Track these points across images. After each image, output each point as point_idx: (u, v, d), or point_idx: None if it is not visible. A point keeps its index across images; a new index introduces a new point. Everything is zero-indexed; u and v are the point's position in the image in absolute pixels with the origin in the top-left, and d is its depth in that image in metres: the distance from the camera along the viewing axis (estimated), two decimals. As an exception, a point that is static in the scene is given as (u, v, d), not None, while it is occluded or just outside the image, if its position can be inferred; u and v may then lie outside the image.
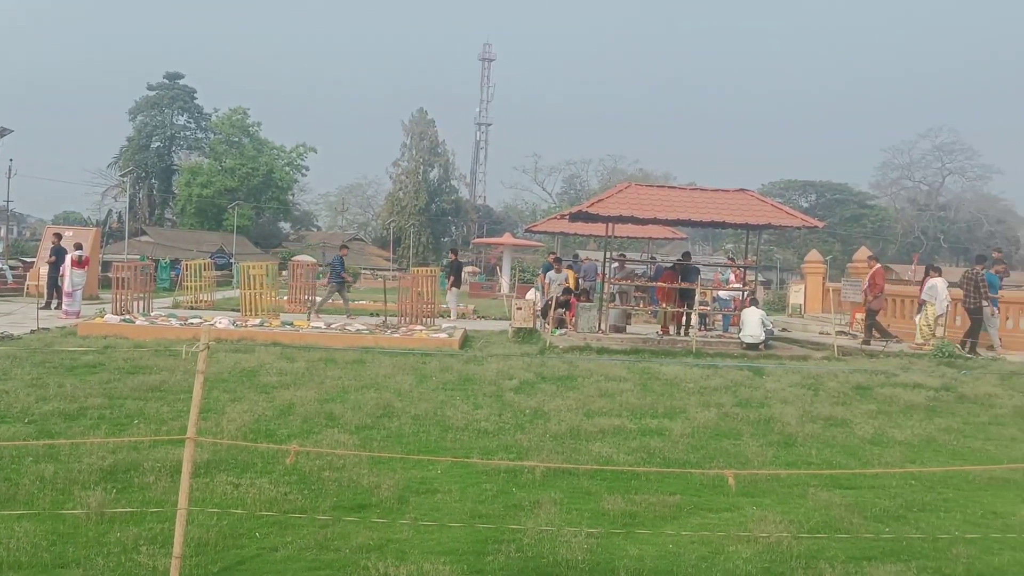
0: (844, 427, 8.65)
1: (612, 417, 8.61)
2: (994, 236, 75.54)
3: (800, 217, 17.22)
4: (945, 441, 8.22)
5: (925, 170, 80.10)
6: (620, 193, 16.76)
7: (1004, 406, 10.03)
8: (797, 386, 10.96)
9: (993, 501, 6.31)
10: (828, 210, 71.18)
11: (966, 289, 16.02)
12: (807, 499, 6.16)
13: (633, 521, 5.59)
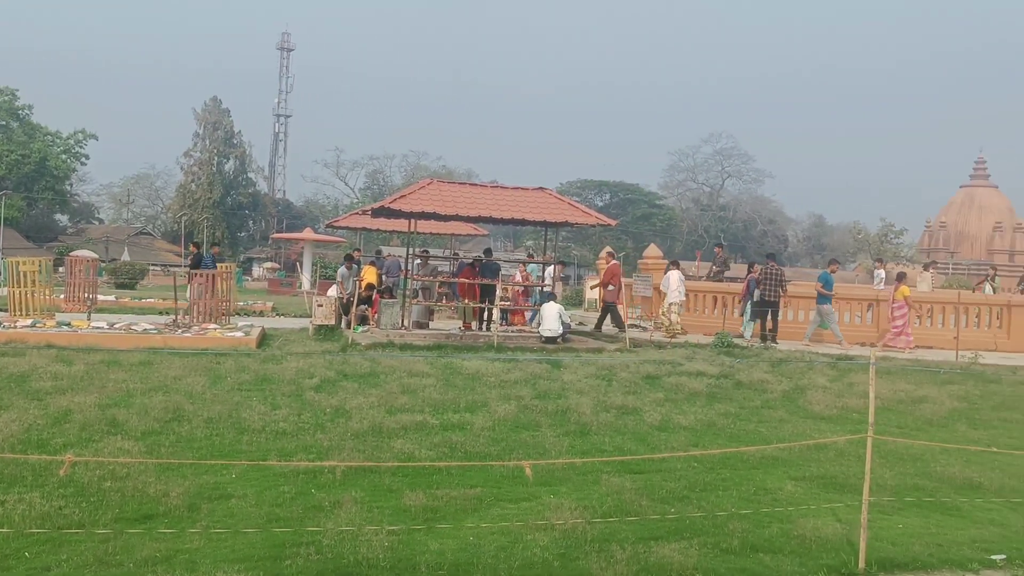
0: (635, 415, 9.11)
1: (414, 413, 8.60)
2: (767, 235, 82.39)
3: (595, 215, 17.95)
4: (724, 425, 8.86)
5: (707, 173, 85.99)
6: (423, 189, 16.77)
7: (774, 391, 10.94)
8: (592, 377, 11.42)
9: (764, 478, 6.87)
10: (621, 209, 74.77)
11: (766, 284, 17.32)
12: (600, 485, 6.44)
13: (435, 516, 5.61)
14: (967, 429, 9.29)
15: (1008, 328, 17.80)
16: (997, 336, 17.72)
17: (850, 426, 9.06)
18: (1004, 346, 17.44)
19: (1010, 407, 10.56)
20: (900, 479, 6.99)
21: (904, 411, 10.02)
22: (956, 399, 10.75)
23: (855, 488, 6.41)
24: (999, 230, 68.84)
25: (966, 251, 67.32)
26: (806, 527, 5.56)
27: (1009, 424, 9.67)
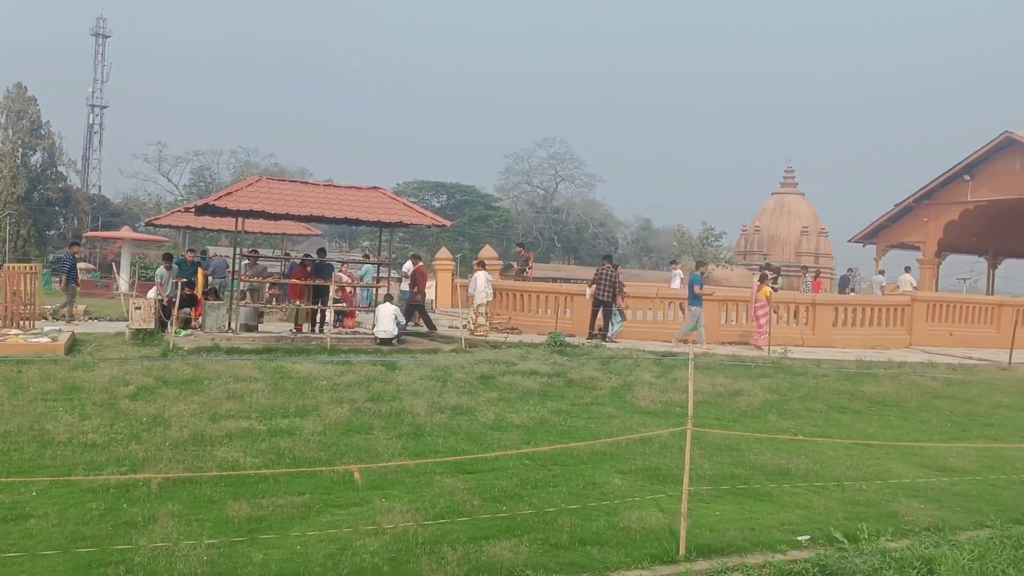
0: (469, 415, 9.13)
1: (240, 419, 8.24)
2: (598, 237, 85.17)
3: (431, 216, 17.89)
4: (555, 422, 9.03)
5: (542, 176, 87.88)
6: (251, 186, 16.15)
7: (603, 388, 11.27)
8: (427, 378, 11.36)
9: (593, 473, 7.04)
10: (458, 210, 75.15)
11: (602, 284, 17.87)
12: (433, 486, 6.39)
13: (259, 526, 5.38)
14: (777, 419, 9.91)
15: (813, 325, 19.20)
16: (804, 332, 19.07)
17: (673, 419, 9.46)
18: (810, 341, 18.80)
19: (814, 398, 11.36)
20: (718, 468, 7.36)
21: (722, 404, 10.58)
22: (768, 391, 11.47)
23: (677, 479, 6.68)
24: (806, 234, 74.21)
25: (778, 253, 72.02)
26: (631, 518, 5.74)
27: (813, 413, 10.40)
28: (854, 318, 19.77)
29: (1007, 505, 6.75)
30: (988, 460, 8.25)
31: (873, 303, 20.78)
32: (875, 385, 12.42)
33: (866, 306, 20.23)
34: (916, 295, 22.38)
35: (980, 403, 11.73)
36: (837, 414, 10.49)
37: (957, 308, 21.35)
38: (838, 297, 23.37)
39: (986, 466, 8.01)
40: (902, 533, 5.90)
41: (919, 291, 25.76)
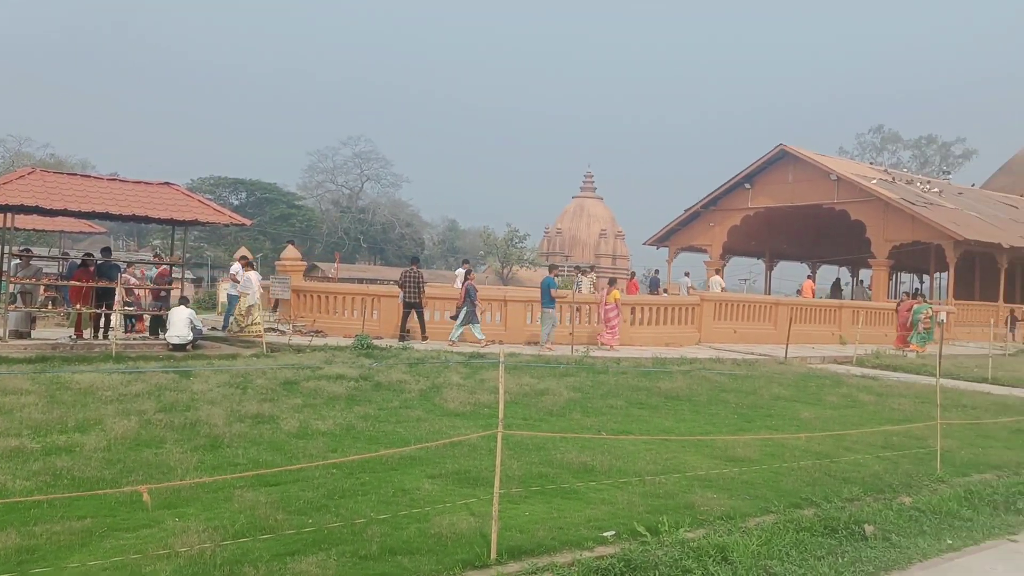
0: (271, 423, 8.72)
1: (9, 437, 7.41)
2: (404, 238, 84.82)
3: (229, 214, 17.04)
4: (363, 428, 8.81)
5: (347, 175, 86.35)
6: (22, 179, 14.68)
7: (412, 391, 11.15)
8: (226, 386, 10.77)
9: (403, 479, 6.90)
10: (259, 208, 72.36)
11: (408, 287, 17.80)
12: (233, 502, 6.02)
13: (31, 557, 4.82)
14: (581, 417, 10.20)
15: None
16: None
17: (482, 421, 9.50)
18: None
19: (615, 395, 11.81)
20: (527, 468, 7.44)
21: (529, 403, 10.75)
22: (572, 390, 11.79)
23: (487, 481, 6.68)
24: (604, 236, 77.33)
25: (578, 254, 74.50)
26: (443, 524, 5.66)
27: (614, 410, 10.79)
28: (650, 317, 20.79)
29: (788, 491, 7.26)
30: (770, 449, 8.87)
31: (667, 303, 21.95)
32: (670, 381, 13.08)
33: (661, 306, 21.34)
34: (705, 295, 23.90)
35: (762, 395, 12.65)
36: (636, 410, 10.94)
37: (740, 307, 22.99)
38: (636, 297, 24.52)
39: (769, 455, 8.60)
40: (698, 523, 6.19)
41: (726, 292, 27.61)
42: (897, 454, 8.92)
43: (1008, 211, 38.44)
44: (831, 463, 8.33)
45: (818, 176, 33.75)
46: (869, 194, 31.82)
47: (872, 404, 12.49)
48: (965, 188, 44.01)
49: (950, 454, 8.91)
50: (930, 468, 8.30)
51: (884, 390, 13.95)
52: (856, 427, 10.18)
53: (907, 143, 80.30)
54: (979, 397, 13.66)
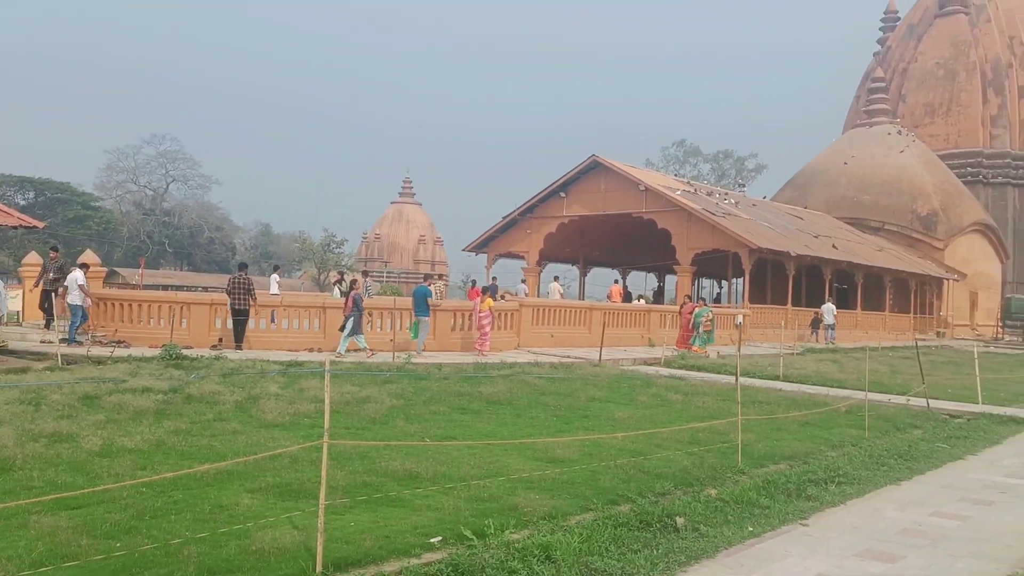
0: (71, 442, 8.10)
1: None
2: (214, 242, 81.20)
3: (17, 216, 15.70)
4: (175, 443, 8.36)
5: (150, 175, 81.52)
6: None
7: (227, 402, 10.69)
8: (15, 403, 9.88)
9: (220, 495, 6.61)
10: (49, 210, 66.97)
11: (235, 293, 17.05)
12: (29, 528, 5.55)
13: None
14: (405, 424, 10.16)
15: (433, 330, 20.04)
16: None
17: (303, 431, 9.27)
18: (430, 346, 19.63)
19: (438, 401, 11.85)
20: (351, 478, 7.33)
21: (351, 412, 10.59)
22: (395, 397, 11.72)
23: (311, 493, 6.54)
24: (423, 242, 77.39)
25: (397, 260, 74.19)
26: (265, 540, 5.47)
27: (438, 416, 10.83)
28: (470, 323, 21.02)
29: (606, 488, 7.57)
30: (588, 449, 9.21)
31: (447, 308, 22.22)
32: (491, 386, 13.29)
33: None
34: (523, 300, 24.46)
35: (579, 397, 13.11)
36: (459, 415, 11.04)
37: (557, 312, 23.70)
38: (455, 303, 24.71)
39: (586, 454, 8.93)
40: (523, 524, 6.34)
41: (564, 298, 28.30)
42: (703, 449, 9.51)
43: (795, 222, 41.89)
44: (644, 460, 8.76)
45: (628, 186, 35.40)
46: (674, 204, 33.72)
47: (680, 403, 13.25)
48: (758, 200, 47.58)
49: (749, 447, 9.60)
50: (732, 461, 8.91)
51: (690, 389, 14.83)
52: (666, 425, 10.76)
53: (706, 157, 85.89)
54: (772, 394, 14.79)
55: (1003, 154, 61.72)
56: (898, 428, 12.18)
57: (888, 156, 53.17)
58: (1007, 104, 62.64)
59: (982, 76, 62.88)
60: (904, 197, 51.07)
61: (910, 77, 65.60)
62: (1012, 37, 64.38)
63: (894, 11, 75.38)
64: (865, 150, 54.24)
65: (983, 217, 53.92)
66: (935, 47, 64.68)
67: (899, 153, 53.30)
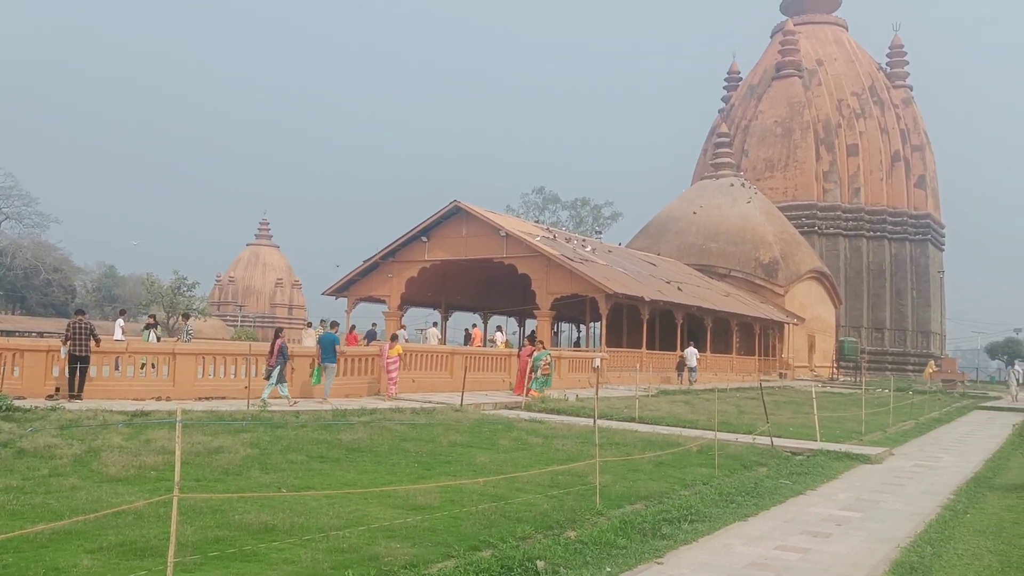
0: None
1: None
2: (51, 284, 76.25)
3: None
4: (4, 502, 7.73)
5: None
6: None
7: (64, 456, 10.01)
8: None
9: (56, 557, 6.16)
10: None
11: (76, 339, 16.10)
12: None
13: None
14: (260, 474, 9.80)
15: (289, 377, 19.49)
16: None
17: (149, 485, 8.80)
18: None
19: (295, 449, 11.51)
20: (202, 533, 6.99)
21: (202, 463, 10.12)
22: (249, 446, 11.30)
23: (158, 551, 6.19)
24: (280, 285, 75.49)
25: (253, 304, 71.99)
26: (106, 604, 5.14)
27: (295, 465, 10.52)
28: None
29: (468, 534, 7.55)
30: (450, 495, 9.16)
31: (352, 354, 21.90)
32: (351, 432, 13.03)
33: (346, 357, 21.22)
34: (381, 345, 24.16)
35: (440, 443, 13.04)
36: (318, 464, 10.76)
37: (419, 357, 23.56)
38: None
39: (448, 500, 8.89)
40: (384, 574, 6.23)
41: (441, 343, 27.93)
42: (563, 492, 9.65)
43: (648, 268, 43.56)
44: (506, 504, 8.80)
45: (489, 232, 35.87)
46: (534, 250, 34.40)
47: (540, 446, 13.40)
48: (613, 247, 49.20)
49: (607, 488, 9.82)
50: (591, 503, 9.08)
51: (550, 432, 15.03)
52: (527, 469, 10.86)
53: (565, 204, 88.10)
54: (629, 435, 15.21)
55: (834, 207, 66.67)
56: (745, 466, 12.76)
57: (733, 207, 56.31)
58: (837, 161, 67.85)
59: (815, 135, 67.91)
60: (748, 245, 54.11)
61: (752, 133, 70.02)
62: (840, 100, 69.99)
63: (737, 72, 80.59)
64: (712, 200, 57.25)
65: (818, 265, 57.81)
66: (773, 107, 69.41)
67: (745, 203, 56.57)
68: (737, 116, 73.80)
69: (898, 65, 75.18)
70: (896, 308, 67.84)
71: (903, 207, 68.88)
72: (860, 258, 67.30)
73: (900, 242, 68.54)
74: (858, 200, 67.80)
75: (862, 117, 69.92)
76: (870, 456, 14.54)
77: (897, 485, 12.10)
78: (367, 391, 20.88)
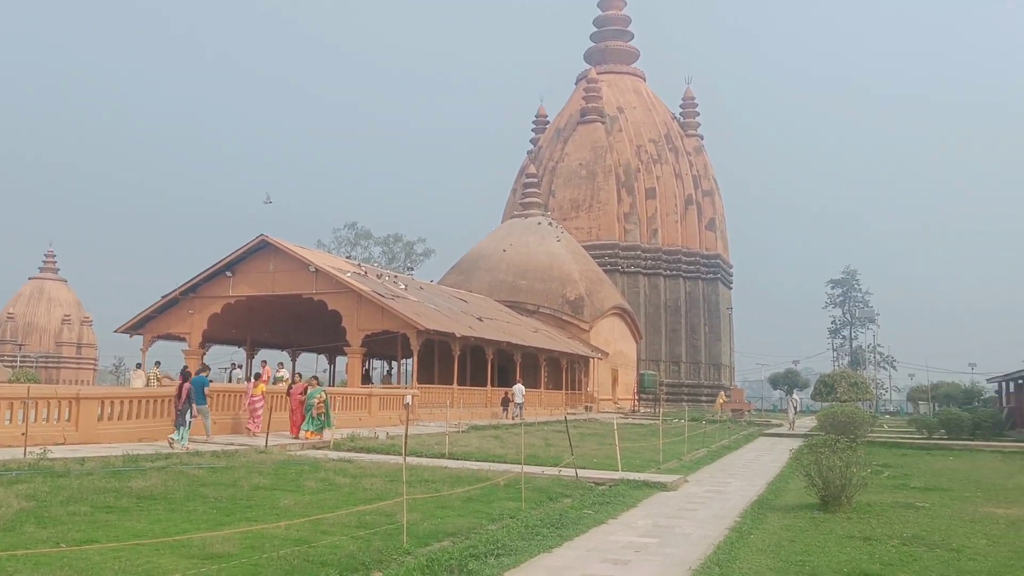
0: None
1: None
2: None
3: None
4: None
5: None
6: None
7: None
8: None
9: None
10: None
11: None
12: None
13: None
14: (36, 530, 8.98)
15: (76, 420, 18.06)
16: (66, 429, 17.79)
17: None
18: (73, 438, 17.64)
19: (78, 500, 10.65)
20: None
21: (-34, 520, 9.15)
22: (24, 499, 10.33)
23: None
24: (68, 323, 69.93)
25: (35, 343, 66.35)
26: None
27: (78, 517, 9.72)
28: (121, 411, 19.27)
29: (268, 582, 7.26)
30: (251, 541, 8.78)
31: (141, 395, 20.60)
32: (143, 479, 12.23)
33: (133, 398, 19.93)
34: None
35: (242, 487, 12.48)
36: (104, 515, 9.99)
37: (220, 397, 22.49)
38: (103, 389, 22.62)
39: (249, 547, 8.51)
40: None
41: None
42: (370, 532, 9.49)
43: (459, 304, 44.01)
44: (309, 548, 8.54)
45: (298, 267, 35.01)
46: (344, 286, 33.90)
47: (348, 486, 13.13)
48: (425, 283, 49.40)
49: (415, 526, 9.76)
50: (398, 542, 8.99)
51: (358, 471, 14.76)
52: (333, 510, 10.61)
53: (377, 240, 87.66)
54: (438, 471, 15.20)
55: (635, 247, 70.46)
56: (551, 498, 13.08)
57: (541, 245, 58.17)
58: (637, 203, 71.86)
59: (616, 178, 71.67)
60: (555, 283, 55.97)
61: (558, 175, 72.90)
62: (639, 146, 74.40)
63: (544, 115, 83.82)
64: (521, 239, 58.87)
65: (621, 302, 60.68)
66: (578, 150, 72.67)
67: (555, 242, 58.59)
68: (545, 158, 76.59)
69: (690, 115, 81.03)
70: (691, 342, 72.32)
71: (696, 248, 73.88)
72: (659, 295, 71.34)
73: (694, 280, 73.33)
74: (656, 240, 72.03)
75: (659, 162, 74.58)
76: (666, 484, 15.31)
77: (691, 510, 12.80)
78: (231, 428, 21.51)
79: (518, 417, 34.73)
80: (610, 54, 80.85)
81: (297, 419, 21.63)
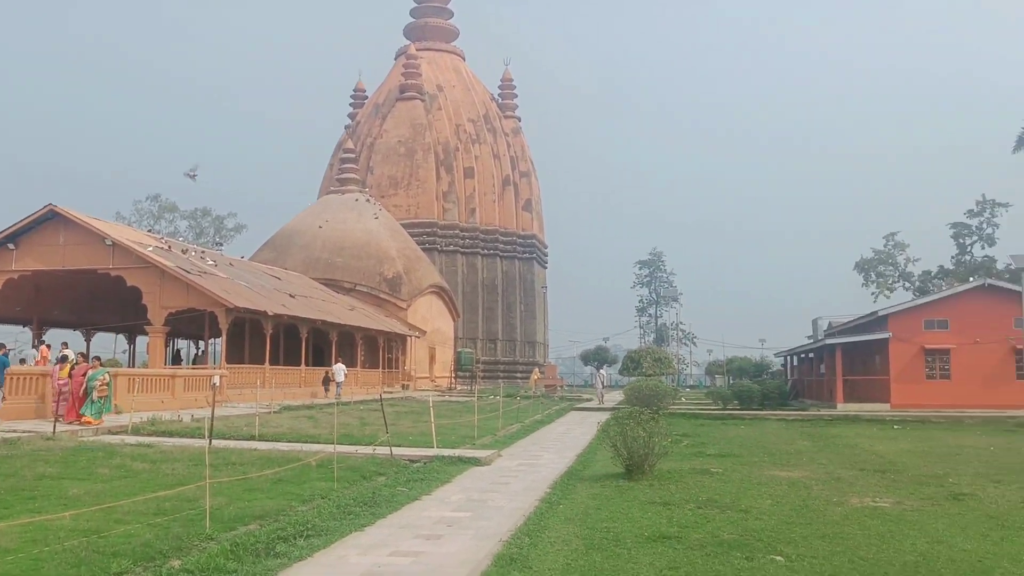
0: None
1: None
2: None
3: None
4: None
5: None
6: None
7: None
8: None
9: None
10: None
11: None
12: None
13: None
14: None
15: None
16: None
17: None
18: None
19: None
20: None
21: None
22: None
23: None
24: None
25: None
26: None
27: None
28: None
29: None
30: (31, 534, 8.08)
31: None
32: (-96, 473, 10.97)
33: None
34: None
35: (24, 476, 11.50)
36: None
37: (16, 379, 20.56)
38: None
39: (29, 540, 7.83)
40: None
41: None
42: (169, 519, 8.97)
43: (272, 281, 42.51)
44: (100, 539, 7.97)
45: (93, 240, 32.49)
46: (146, 261, 31.84)
47: (146, 472, 12.38)
48: (236, 260, 47.28)
49: (219, 511, 9.33)
50: (200, 528, 8.55)
51: (159, 456, 13.96)
52: (128, 497, 9.94)
53: (184, 214, 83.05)
54: (247, 454, 14.63)
55: (453, 226, 70.82)
56: (365, 477, 12.91)
57: (358, 222, 57.20)
58: (455, 182, 72.17)
59: (436, 156, 71.62)
60: (373, 261, 55.27)
61: (377, 151, 71.93)
62: (458, 125, 74.62)
63: (362, 89, 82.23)
64: (338, 215, 57.63)
65: (438, 280, 60.84)
66: (397, 127, 71.97)
67: (372, 219, 57.74)
68: (363, 133, 75.29)
69: (508, 97, 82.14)
70: (507, 321, 73.73)
71: (513, 228, 75.23)
72: (476, 274, 72.15)
73: (511, 260, 74.70)
74: (474, 220, 72.70)
75: (477, 142, 75.18)
76: (480, 459, 15.51)
77: (503, 484, 13.04)
78: (34, 413, 20.23)
79: (339, 396, 34.13)
80: (430, 31, 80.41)
81: (76, 403, 19.73)
